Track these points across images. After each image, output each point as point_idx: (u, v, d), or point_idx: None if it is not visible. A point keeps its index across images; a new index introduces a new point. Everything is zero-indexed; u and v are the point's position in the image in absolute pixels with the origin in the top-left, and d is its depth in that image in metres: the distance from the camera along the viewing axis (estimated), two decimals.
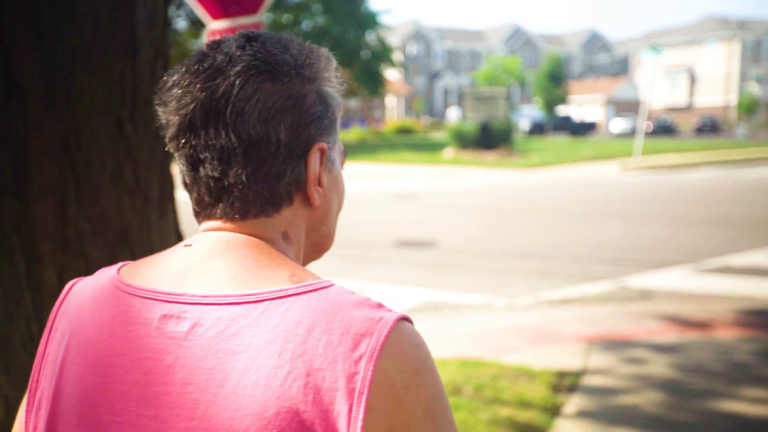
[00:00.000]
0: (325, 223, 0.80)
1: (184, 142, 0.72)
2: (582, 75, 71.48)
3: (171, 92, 0.73)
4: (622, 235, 8.68)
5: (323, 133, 0.75)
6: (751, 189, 14.04)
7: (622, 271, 6.63)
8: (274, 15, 32.98)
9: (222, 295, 0.67)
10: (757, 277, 6.35)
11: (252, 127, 0.70)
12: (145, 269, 0.73)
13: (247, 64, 0.70)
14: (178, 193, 1.94)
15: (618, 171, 19.50)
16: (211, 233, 0.73)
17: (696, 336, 4.68)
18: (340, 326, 0.63)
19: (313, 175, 0.74)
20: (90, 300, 0.73)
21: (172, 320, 0.67)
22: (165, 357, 0.66)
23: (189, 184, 0.75)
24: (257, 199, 0.72)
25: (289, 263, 0.71)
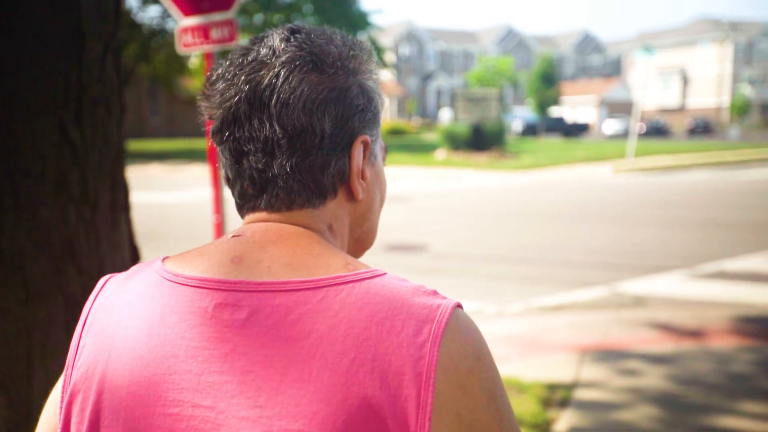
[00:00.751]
0: (368, 219, 0.80)
1: (228, 135, 0.72)
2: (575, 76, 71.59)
3: (215, 86, 0.73)
4: (615, 239, 8.54)
5: (366, 126, 0.75)
6: (745, 191, 13.95)
7: (615, 276, 6.48)
8: (265, 15, 32.80)
9: (279, 282, 0.66)
10: (753, 282, 6.21)
11: (296, 117, 0.69)
12: (193, 259, 0.72)
13: (292, 55, 0.70)
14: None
15: (611, 173, 19.41)
16: (260, 224, 0.73)
17: (692, 345, 4.53)
18: (401, 312, 0.63)
19: (357, 168, 0.74)
20: (133, 293, 0.72)
21: (228, 308, 0.66)
22: (222, 345, 0.65)
23: (232, 177, 0.74)
24: (302, 190, 0.71)
25: (341, 253, 0.71)
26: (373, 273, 0.67)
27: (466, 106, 22.92)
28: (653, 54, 20.81)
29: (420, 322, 0.63)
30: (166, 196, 14.13)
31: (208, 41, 3.04)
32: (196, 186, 16.67)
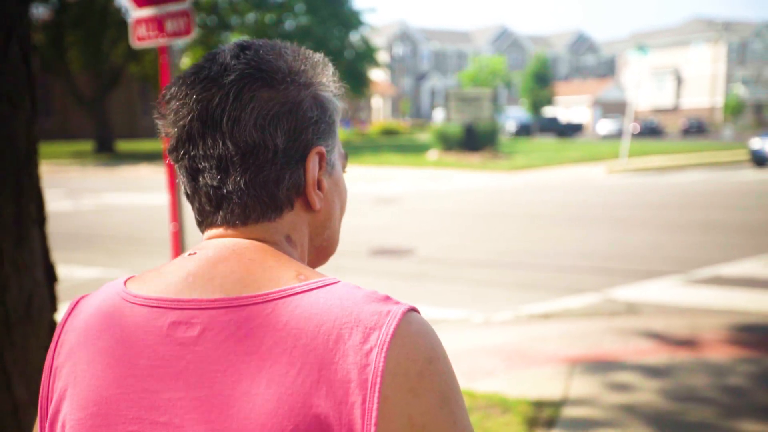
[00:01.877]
0: (328, 227, 0.80)
1: (183, 153, 0.73)
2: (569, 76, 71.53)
3: (169, 105, 0.74)
4: (607, 243, 8.32)
5: (321, 137, 0.75)
6: (739, 193, 13.77)
7: (607, 282, 6.25)
8: (256, 15, 32.52)
9: (230, 298, 0.67)
10: (750, 288, 5.99)
11: (248, 134, 0.70)
12: (151, 279, 0.73)
13: (241, 72, 0.71)
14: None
15: (604, 173, 19.23)
16: (215, 240, 0.74)
17: (687, 356, 4.31)
18: (349, 321, 0.64)
19: (312, 179, 0.74)
20: (97, 313, 0.73)
21: (181, 326, 0.67)
22: (176, 363, 0.67)
23: (190, 194, 0.75)
24: (257, 204, 0.72)
25: (294, 263, 0.71)
26: (323, 282, 0.68)
27: (459, 106, 22.70)
28: (647, 53, 20.65)
29: (368, 329, 0.64)
30: (153, 198, 13.85)
31: (163, 34, 2.78)
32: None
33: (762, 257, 7.13)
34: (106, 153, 28.05)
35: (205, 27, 31.06)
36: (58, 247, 8.38)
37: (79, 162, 24.39)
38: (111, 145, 29.01)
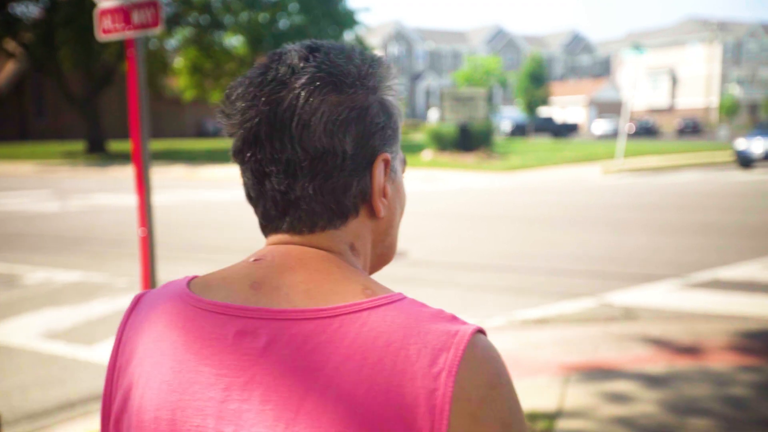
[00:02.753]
0: (390, 234, 0.80)
1: (249, 156, 0.71)
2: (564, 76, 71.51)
3: (235, 105, 0.72)
4: (603, 245, 8.16)
5: (387, 144, 0.74)
6: (736, 193, 13.64)
7: (603, 286, 6.09)
8: (250, 14, 32.32)
9: (297, 310, 0.66)
10: (749, 292, 5.84)
11: (318, 139, 0.69)
12: (216, 284, 0.72)
13: (312, 75, 0.70)
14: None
15: (600, 173, 19.10)
16: (280, 247, 0.73)
17: (687, 364, 4.15)
18: (417, 341, 0.63)
19: (378, 187, 0.73)
20: (161, 314, 0.72)
21: (247, 336, 0.66)
22: (242, 374, 0.66)
23: (254, 197, 0.74)
24: (324, 211, 0.71)
25: (360, 276, 0.71)
26: (390, 298, 0.67)
27: (453, 106, 22.53)
28: (643, 53, 20.53)
29: (436, 351, 0.63)
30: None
31: (129, 26, 2.61)
32: (172, 188, 16.19)
33: (761, 260, 6.99)
34: (98, 153, 27.79)
35: (198, 26, 30.83)
36: (40, 249, 8.24)
37: (70, 162, 24.15)
38: (103, 145, 28.74)
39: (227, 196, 14.45)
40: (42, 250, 8.24)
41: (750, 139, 19.74)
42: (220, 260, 7.47)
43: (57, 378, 4.10)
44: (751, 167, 19.41)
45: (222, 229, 9.85)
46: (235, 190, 15.60)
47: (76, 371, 4.21)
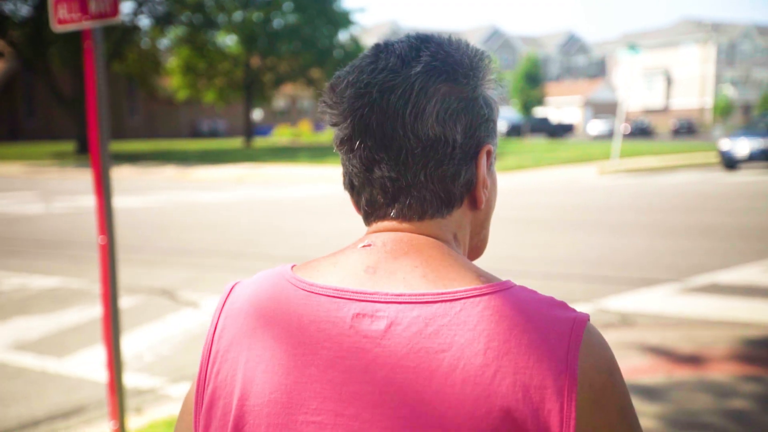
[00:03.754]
0: (485, 226, 0.80)
1: (359, 143, 0.72)
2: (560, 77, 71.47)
3: (344, 94, 0.72)
4: (599, 248, 7.97)
5: (489, 135, 0.75)
6: (733, 194, 13.49)
7: (599, 291, 5.90)
8: (244, 13, 32.09)
9: (416, 294, 0.66)
10: (749, 297, 5.66)
11: (431, 127, 0.70)
12: (325, 269, 0.72)
13: (427, 65, 0.71)
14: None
15: (596, 174, 18.94)
16: (389, 234, 0.73)
17: (686, 375, 3.96)
18: (538, 325, 0.64)
19: (482, 177, 0.74)
20: (267, 300, 0.72)
21: (366, 319, 0.66)
22: (363, 356, 0.66)
23: (358, 185, 0.74)
24: (434, 199, 0.72)
25: (470, 263, 0.71)
26: (505, 285, 0.68)
27: None
28: (638, 52, 20.39)
29: (558, 336, 0.64)
30: (130, 201, 13.41)
31: (87, 16, 2.40)
32: (163, 189, 15.96)
33: (760, 263, 6.81)
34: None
35: (191, 25, 30.60)
36: (18, 253, 7.99)
37: (59, 163, 23.87)
38: None
39: (216, 198, 14.23)
40: (20, 254, 8.01)
41: (734, 140, 19.18)
42: (204, 264, 7.25)
43: (21, 393, 3.87)
44: (735, 168, 18.92)
45: (208, 230, 9.63)
46: (225, 192, 15.38)
47: (44, 385, 3.98)
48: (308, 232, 9.35)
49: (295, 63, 32.86)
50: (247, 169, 20.51)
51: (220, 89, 33.89)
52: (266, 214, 11.42)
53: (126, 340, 4.80)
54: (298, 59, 32.55)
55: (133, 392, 3.84)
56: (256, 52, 33.15)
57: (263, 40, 32.30)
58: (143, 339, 4.81)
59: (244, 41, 32.31)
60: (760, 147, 18.18)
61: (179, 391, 3.92)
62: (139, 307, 5.64)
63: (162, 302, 5.77)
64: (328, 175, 18.28)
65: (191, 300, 5.80)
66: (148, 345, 4.69)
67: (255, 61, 33.81)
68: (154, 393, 3.90)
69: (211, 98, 34.55)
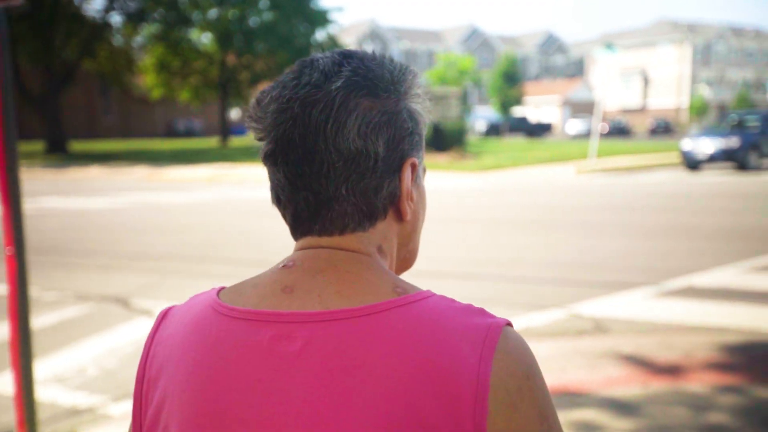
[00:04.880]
0: (413, 239, 0.81)
1: (282, 158, 0.72)
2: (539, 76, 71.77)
3: (267, 109, 0.73)
4: (574, 250, 7.78)
5: (414, 149, 0.76)
6: (709, 194, 13.44)
7: (573, 295, 5.69)
8: (219, 10, 31.59)
9: (330, 311, 0.67)
10: (725, 300, 5.49)
11: (352, 141, 0.70)
12: (246, 292, 0.72)
13: (348, 79, 0.71)
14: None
15: (573, 173, 18.86)
16: (309, 251, 0.73)
17: (662, 385, 3.76)
18: (453, 334, 0.65)
19: (406, 190, 0.75)
20: (191, 326, 0.72)
21: (282, 340, 0.67)
22: (280, 378, 0.66)
23: (284, 200, 0.75)
24: (355, 212, 0.72)
25: (390, 275, 0.72)
26: (421, 295, 0.68)
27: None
28: (615, 52, 20.34)
29: (471, 344, 0.64)
30: (97, 202, 12.99)
31: None
32: (132, 190, 15.54)
33: (736, 265, 6.66)
34: (58, 153, 26.85)
35: (165, 22, 30.04)
36: None
37: (27, 163, 23.22)
38: (64, 145, 27.79)
39: (186, 199, 13.85)
40: None
41: (696, 140, 18.51)
42: (164, 269, 6.92)
43: None
44: (698, 169, 18.32)
45: (172, 233, 9.29)
46: (196, 193, 15.00)
47: None
48: (275, 235, 9.05)
49: (272, 61, 32.44)
50: (221, 170, 20.12)
51: (195, 88, 33.36)
52: (235, 216, 11.09)
53: (69, 352, 4.48)
54: (274, 58, 32.14)
55: (69, 412, 3.54)
56: (231, 51, 32.66)
57: (239, 38, 31.84)
58: (88, 351, 4.50)
59: (219, 39, 31.82)
60: (721, 147, 17.65)
61: (121, 409, 3.62)
62: (88, 316, 5.32)
63: (113, 310, 5.45)
64: None
65: (145, 308, 5.49)
66: (92, 358, 4.38)
67: (231, 60, 33.32)
68: (92, 413, 3.60)
69: (186, 97, 34.00)
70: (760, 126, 18.50)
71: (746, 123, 19.02)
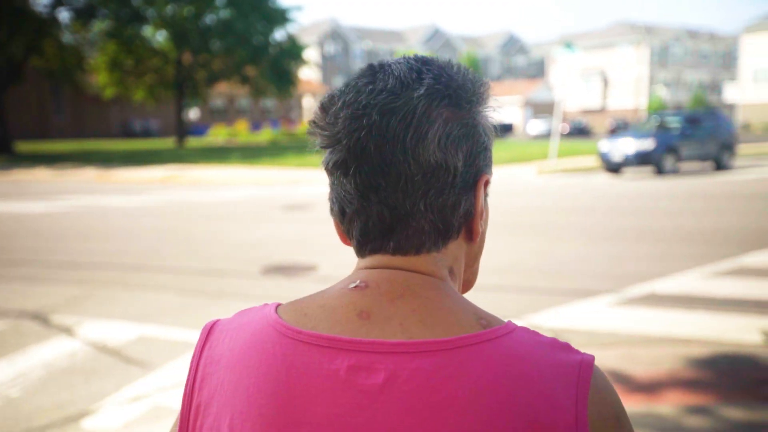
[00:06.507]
0: (477, 259, 0.78)
1: (355, 168, 0.67)
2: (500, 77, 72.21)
3: (339, 114, 0.68)
4: (533, 255, 7.50)
5: (487, 165, 0.73)
6: (668, 195, 13.38)
7: (530, 304, 5.38)
8: (174, 8, 30.70)
9: (415, 342, 0.63)
10: (689, 308, 5.24)
11: (432, 153, 0.66)
12: (314, 314, 0.67)
13: (430, 87, 0.68)
14: None
15: (534, 174, 18.73)
16: (383, 272, 0.69)
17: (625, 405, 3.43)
18: (545, 373, 0.62)
19: (480, 208, 0.72)
20: (249, 347, 0.66)
21: (362, 372, 0.62)
22: (360, 414, 0.61)
23: (351, 212, 0.70)
24: (431, 230, 0.69)
25: (470, 304, 0.69)
26: (507, 328, 0.65)
27: None
28: (573, 51, 20.30)
29: (565, 383, 0.62)
30: (35, 206, 12.26)
31: None
32: (76, 193, 14.79)
33: (697, 269, 6.45)
34: (2, 155, 25.67)
35: (117, 19, 29.04)
36: None
37: None
38: (9, 146, 26.60)
39: (132, 202, 13.20)
40: None
41: (612, 142, 17.33)
42: (95, 279, 6.36)
43: None
44: (618, 172, 17.22)
45: (110, 239, 8.72)
46: (144, 195, 14.35)
47: None
48: (219, 240, 8.57)
49: (229, 60, 31.68)
50: (174, 171, 19.42)
51: (150, 87, 32.37)
52: (181, 220, 10.54)
53: None
54: (232, 56, 31.39)
55: None
56: (187, 49, 31.79)
57: (195, 36, 31.00)
58: None
59: (174, 37, 30.92)
60: (636, 150, 16.63)
61: None
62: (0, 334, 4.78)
63: (29, 328, 4.92)
64: (258, 177, 17.43)
65: (66, 325, 4.98)
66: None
67: (187, 58, 32.44)
68: None
69: (140, 96, 32.98)
70: (680, 128, 17.54)
71: (668, 124, 18.08)
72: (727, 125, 18.47)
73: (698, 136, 17.44)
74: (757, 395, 3.63)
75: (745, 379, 3.89)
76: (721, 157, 17.94)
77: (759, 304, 5.31)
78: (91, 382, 3.97)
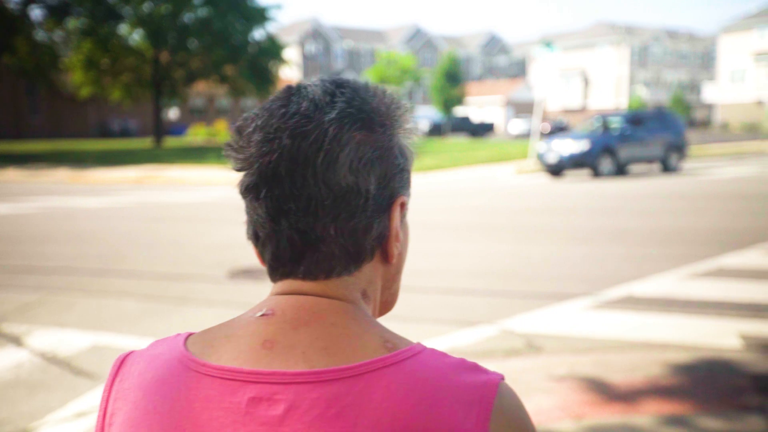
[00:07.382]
0: (396, 280, 0.77)
1: (266, 192, 0.67)
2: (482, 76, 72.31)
3: (251, 138, 0.68)
4: (508, 257, 7.33)
5: (403, 186, 0.72)
6: (647, 195, 13.32)
7: (504, 309, 5.20)
8: (151, 5, 30.23)
9: (316, 371, 0.62)
10: (666, 311, 5.10)
11: (343, 177, 0.66)
12: (220, 344, 0.66)
13: (342, 111, 0.68)
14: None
15: (513, 173, 18.63)
16: (290, 299, 0.68)
17: (599, 418, 3.28)
18: (446, 395, 0.61)
19: (395, 230, 0.71)
20: (155, 382, 0.65)
21: (263, 403, 0.61)
22: None
23: (263, 237, 0.69)
24: (342, 254, 0.68)
25: (377, 327, 0.67)
26: (412, 351, 0.64)
27: None
28: (553, 50, 20.25)
29: (467, 405, 0.61)
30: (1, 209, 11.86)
31: None
32: (46, 194, 14.41)
33: (674, 271, 6.33)
34: None
35: (92, 17, 28.51)
36: None
37: None
38: None
39: (103, 203, 12.86)
40: None
41: (550, 142, 16.72)
42: (52, 285, 6.07)
43: None
44: (559, 175, 16.51)
45: (74, 242, 8.41)
46: (116, 196, 14.01)
47: None
48: (187, 243, 8.30)
49: (208, 59, 31.26)
50: (149, 171, 19.05)
51: (127, 86, 31.81)
52: (149, 222, 10.24)
53: None
54: (210, 55, 30.97)
55: None
56: (165, 48, 31.31)
57: (172, 34, 30.53)
58: None
59: (151, 36, 30.42)
60: (571, 152, 15.98)
61: None
62: None
63: None
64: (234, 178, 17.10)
65: (15, 334, 4.71)
66: None
67: (164, 57, 31.94)
68: None
69: (117, 96, 32.40)
70: (620, 129, 16.85)
71: (610, 125, 17.31)
72: (675, 126, 17.67)
73: (640, 137, 16.73)
74: (734, 404, 3.48)
75: (722, 386, 3.74)
76: (668, 159, 17.21)
77: (736, 306, 5.19)
78: (35, 396, 3.72)
